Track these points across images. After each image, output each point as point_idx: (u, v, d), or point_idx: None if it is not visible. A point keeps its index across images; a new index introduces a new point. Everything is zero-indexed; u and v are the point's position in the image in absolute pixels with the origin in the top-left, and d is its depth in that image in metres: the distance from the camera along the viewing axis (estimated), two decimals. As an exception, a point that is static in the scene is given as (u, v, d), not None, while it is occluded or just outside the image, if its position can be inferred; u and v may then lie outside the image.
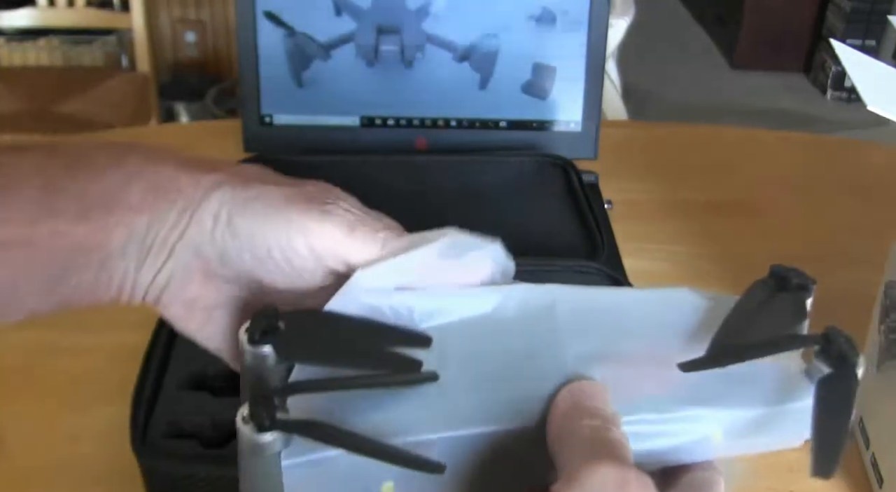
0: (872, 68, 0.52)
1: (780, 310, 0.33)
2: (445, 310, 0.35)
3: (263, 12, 0.82)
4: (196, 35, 2.54)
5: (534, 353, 0.33)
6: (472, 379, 0.32)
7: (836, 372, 0.30)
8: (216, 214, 0.34)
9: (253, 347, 0.32)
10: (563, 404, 0.30)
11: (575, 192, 0.76)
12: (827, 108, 2.99)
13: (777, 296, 0.33)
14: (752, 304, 0.33)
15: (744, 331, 0.32)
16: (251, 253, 0.34)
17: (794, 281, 0.33)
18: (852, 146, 1.03)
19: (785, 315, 0.33)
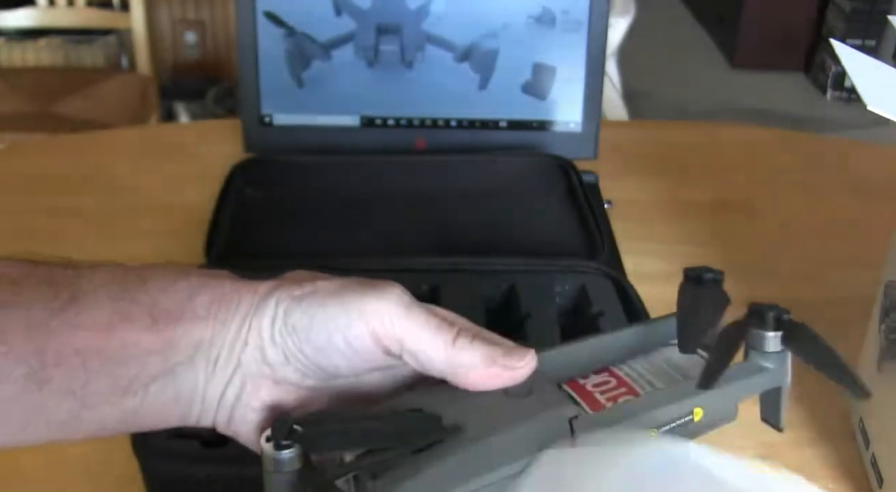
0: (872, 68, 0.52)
1: (708, 299, 0.40)
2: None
3: (263, 12, 0.82)
4: (196, 35, 2.54)
5: (518, 393, 0.36)
6: (480, 430, 0.33)
7: (788, 330, 0.40)
8: (273, 316, 0.35)
9: (277, 451, 0.33)
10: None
11: (575, 192, 0.76)
12: (827, 108, 2.99)
13: (701, 291, 0.41)
14: (686, 304, 0.40)
15: (694, 326, 0.39)
16: (311, 344, 0.35)
17: (707, 276, 0.41)
18: (852, 146, 1.03)
19: (714, 302, 0.40)
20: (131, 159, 0.90)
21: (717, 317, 0.39)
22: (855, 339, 0.60)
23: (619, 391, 0.37)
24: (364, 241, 0.69)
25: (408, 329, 0.35)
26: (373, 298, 0.35)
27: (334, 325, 0.35)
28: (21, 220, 0.79)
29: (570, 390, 0.37)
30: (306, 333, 0.35)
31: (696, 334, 0.39)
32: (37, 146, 1.03)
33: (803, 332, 0.39)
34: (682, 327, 0.39)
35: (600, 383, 0.38)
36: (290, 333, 0.35)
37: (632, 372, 0.39)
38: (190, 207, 0.79)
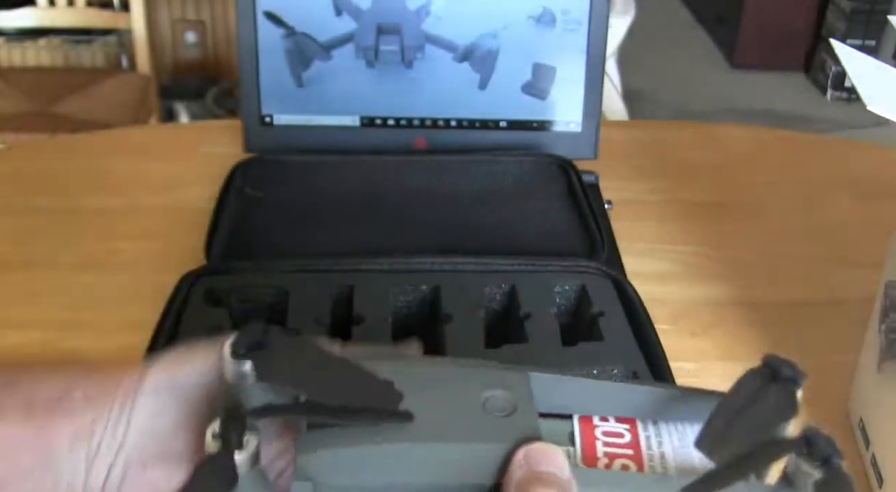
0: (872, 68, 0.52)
1: (769, 403, 0.33)
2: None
3: (263, 12, 0.82)
4: (196, 35, 2.54)
5: (497, 409, 0.33)
6: (434, 428, 0.31)
7: (831, 476, 0.31)
8: (155, 388, 0.34)
9: (235, 361, 0.32)
10: (519, 471, 0.29)
11: (575, 192, 0.76)
12: (827, 108, 2.99)
13: (768, 388, 0.33)
14: (742, 396, 0.33)
15: (731, 426, 0.32)
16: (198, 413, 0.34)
17: (784, 373, 0.33)
18: (852, 146, 1.03)
19: (775, 409, 0.32)
20: (131, 159, 0.90)
21: (766, 430, 0.32)
22: (855, 339, 0.60)
23: (625, 452, 0.33)
24: (364, 241, 0.69)
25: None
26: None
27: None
28: (21, 220, 0.79)
29: (576, 425, 0.34)
30: (188, 404, 0.34)
31: (724, 442, 0.31)
32: (37, 146, 1.03)
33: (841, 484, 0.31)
34: (716, 425, 0.32)
35: (613, 434, 0.34)
36: (176, 401, 0.34)
37: (653, 438, 0.34)
38: (190, 207, 0.79)
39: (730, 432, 0.31)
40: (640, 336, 0.58)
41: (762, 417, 0.32)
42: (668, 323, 0.68)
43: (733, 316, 0.69)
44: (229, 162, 0.80)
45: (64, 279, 0.71)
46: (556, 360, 0.55)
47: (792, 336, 0.68)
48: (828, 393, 0.62)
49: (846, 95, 2.98)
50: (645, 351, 0.57)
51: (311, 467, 0.30)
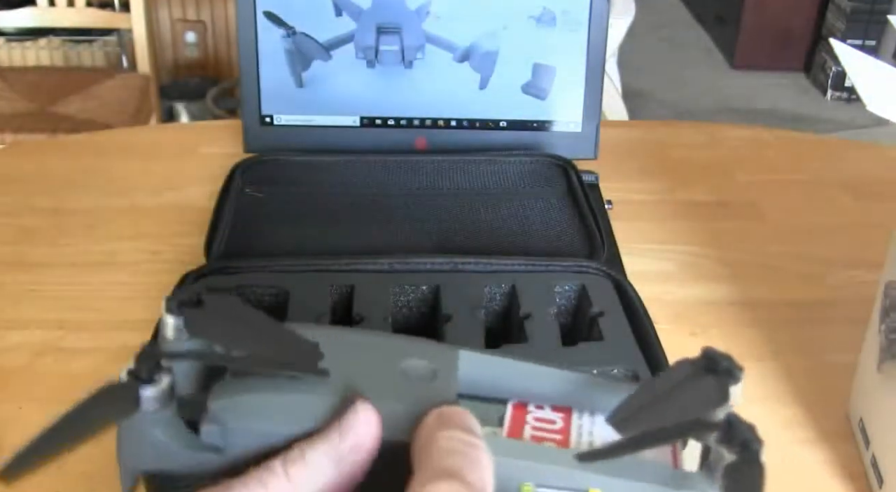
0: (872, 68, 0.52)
1: (701, 391, 0.32)
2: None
3: (263, 12, 0.82)
4: (196, 35, 2.54)
5: (417, 376, 0.33)
6: (348, 385, 0.32)
7: (742, 459, 0.30)
8: None
9: (169, 315, 0.33)
10: (430, 420, 0.30)
11: (575, 192, 0.76)
12: (827, 108, 2.99)
13: (702, 377, 0.32)
14: (670, 381, 0.32)
15: (649, 406, 0.31)
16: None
17: (722, 365, 0.32)
18: (852, 146, 1.03)
19: (705, 397, 0.32)
20: (131, 159, 0.90)
21: (685, 414, 0.31)
22: (855, 339, 0.60)
23: (552, 437, 0.33)
24: (364, 241, 0.69)
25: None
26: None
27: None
28: (21, 220, 0.79)
29: (508, 409, 0.34)
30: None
31: (636, 420, 0.31)
32: (37, 146, 1.03)
33: (750, 474, 0.30)
34: (633, 403, 0.31)
35: (545, 420, 0.34)
36: None
37: (586, 427, 0.34)
38: (190, 207, 0.79)
39: (645, 411, 0.31)
40: (640, 336, 0.58)
41: (685, 402, 0.31)
42: (668, 323, 0.68)
43: (733, 316, 0.69)
44: (229, 162, 0.80)
45: (64, 279, 0.71)
46: (556, 360, 0.55)
47: (792, 336, 0.68)
48: (828, 393, 0.62)
49: (846, 95, 2.98)
50: (645, 351, 0.57)
51: (221, 411, 0.31)
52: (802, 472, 0.57)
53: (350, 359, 0.33)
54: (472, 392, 0.34)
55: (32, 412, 0.59)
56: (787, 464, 0.57)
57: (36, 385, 0.62)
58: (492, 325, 0.62)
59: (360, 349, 0.34)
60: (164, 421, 0.31)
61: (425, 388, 0.32)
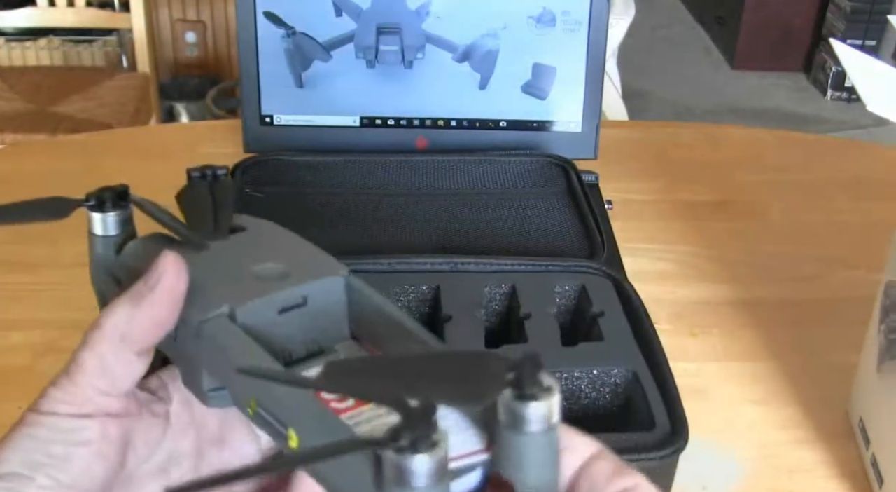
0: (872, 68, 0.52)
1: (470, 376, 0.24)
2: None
3: (263, 12, 0.82)
4: (196, 35, 2.54)
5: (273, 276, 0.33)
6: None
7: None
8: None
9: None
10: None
11: (575, 192, 0.76)
12: (827, 108, 2.99)
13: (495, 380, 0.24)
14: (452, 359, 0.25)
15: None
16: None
17: (525, 373, 0.24)
18: (852, 146, 1.03)
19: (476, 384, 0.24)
20: (131, 159, 0.90)
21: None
22: (855, 339, 0.60)
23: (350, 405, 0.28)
24: (364, 241, 0.69)
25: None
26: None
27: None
28: (21, 220, 0.79)
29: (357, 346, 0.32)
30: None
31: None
32: (37, 146, 1.03)
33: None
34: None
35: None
36: (18, 480, 0.29)
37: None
38: (190, 207, 0.79)
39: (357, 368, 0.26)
40: (640, 336, 0.58)
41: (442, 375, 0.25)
42: (668, 323, 0.68)
43: (733, 316, 0.70)
44: (229, 162, 0.80)
45: (64, 279, 0.71)
46: (556, 360, 0.55)
47: (792, 336, 0.68)
48: (828, 393, 0.62)
49: (846, 95, 2.98)
50: (645, 351, 0.57)
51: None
52: (802, 472, 0.57)
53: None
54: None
55: (32, 412, 0.59)
56: (786, 464, 0.57)
57: (36, 385, 0.62)
58: (492, 325, 0.62)
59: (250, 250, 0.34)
60: (104, 246, 0.40)
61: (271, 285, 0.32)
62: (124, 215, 0.38)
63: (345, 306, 0.33)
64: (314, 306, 0.32)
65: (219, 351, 0.30)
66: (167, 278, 0.31)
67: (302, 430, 0.27)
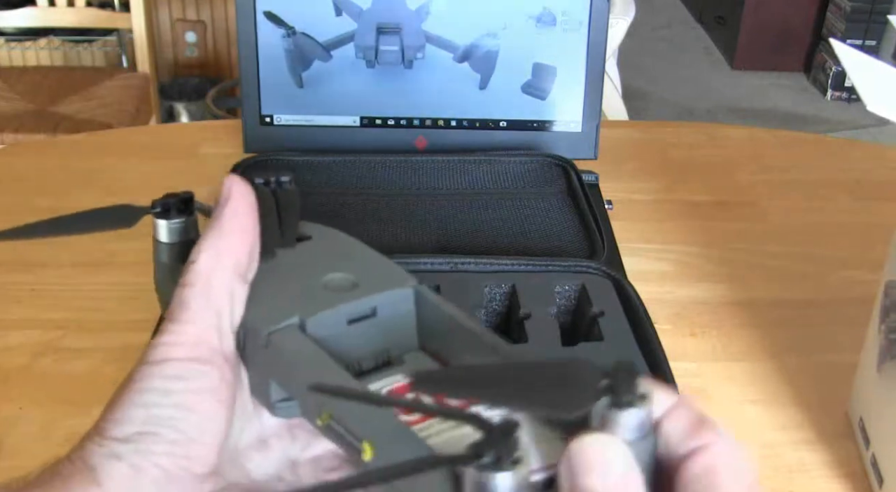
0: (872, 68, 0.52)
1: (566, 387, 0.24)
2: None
3: (263, 12, 0.82)
4: (196, 35, 2.54)
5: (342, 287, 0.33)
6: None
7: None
8: (122, 437, 0.28)
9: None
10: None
11: (575, 192, 0.76)
12: (827, 108, 2.99)
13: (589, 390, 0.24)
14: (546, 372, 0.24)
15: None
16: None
17: (620, 380, 0.23)
18: (852, 146, 1.03)
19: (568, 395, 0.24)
20: (131, 159, 0.90)
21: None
22: (855, 339, 0.60)
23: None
24: (364, 240, 0.69)
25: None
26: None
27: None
28: (21, 220, 0.79)
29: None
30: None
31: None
32: (37, 146, 1.03)
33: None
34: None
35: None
36: (147, 439, 0.28)
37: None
38: (190, 207, 0.79)
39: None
40: (640, 336, 0.58)
41: (537, 390, 0.24)
42: (668, 323, 0.68)
43: (733, 316, 0.69)
44: (229, 162, 0.80)
45: (64, 279, 0.71)
46: (556, 360, 0.55)
47: (792, 336, 0.68)
48: (828, 393, 0.62)
49: (846, 95, 2.98)
50: (645, 351, 0.57)
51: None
52: (802, 472, 0.57)
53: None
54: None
55: (32, 412, 0.59)
56: (786, 464, 0.57)
57: (36, 385, 0.62)
58: (492, 325, 0.62)
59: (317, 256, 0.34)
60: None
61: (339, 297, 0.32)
62: (189, 222, 0.38)
63: (413, 317, 0.33)
64: (383, 317, 0.32)
65: (288, 363, 0.30)
66: (235, 197, 0.32)
67: (378, 443, 0.26)
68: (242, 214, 0.32)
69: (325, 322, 0.31)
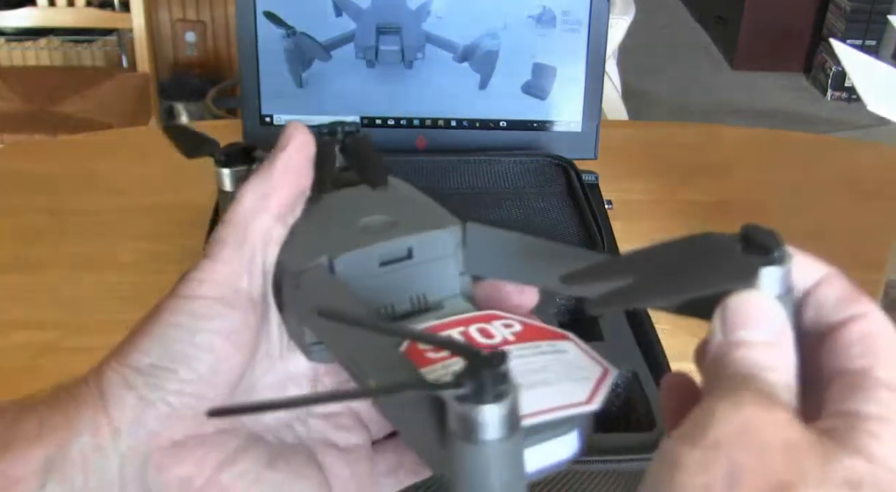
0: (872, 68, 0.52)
1: (720, 266, 0.25)
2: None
3: (263, 12, 0.82)
4: (196, 35, 2.54)
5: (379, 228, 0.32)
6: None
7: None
8: (138, 367, 0.29)
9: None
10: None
11: (575, 192, 0.76)
12: (827, 108, 2.99)
13: (728, 251, 0.26)
14: (683, 250, 0.26)
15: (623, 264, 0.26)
16: (190, 373, 0.29)
17: (760, 238, 0.26)
18: (852, 146, 1.03)
19: (723, 272, 0.25)
20: (131, 159, 0.90)
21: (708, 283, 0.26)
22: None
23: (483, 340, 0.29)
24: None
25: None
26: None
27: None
28: (21, 220, 0.79)
29: (474, 313, 0.30)
30: (180, 363, 0.28)
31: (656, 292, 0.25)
32: (37, 146, 1.03)
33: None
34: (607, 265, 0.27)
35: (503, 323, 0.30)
36: (161, 373, 0.28)
37: (531, 357, 0.28)
38: (190, 207, 0.79)
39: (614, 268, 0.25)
40: (639, 336, 0.58)
41: (692, 274, 0.25)
42: (668, 323, 0.68)
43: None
44: (229, 162, 0.80)
45: (64, 279, 0.71)
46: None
47: (792, 336, 0.68)
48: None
49: (846, 95, 2.98)
50: (645, 351, 0.57)
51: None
52: (802, 472, 0.57)
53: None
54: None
55: (32, 412, 0.59)
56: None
57: (36, 385, 0.62)
58: (492, 325, 0.62)
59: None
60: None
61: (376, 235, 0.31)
62: (251, 171, 0.36)
63: (456, 261, 0.32)
64: (421, 260, 0.31)
65: (316, 303, 0.29)
66: (292, 142, 0.32)
67: (380, 376, 0.26)
68: (296, 158, 0.32)
69: (354, 263, 0.30)
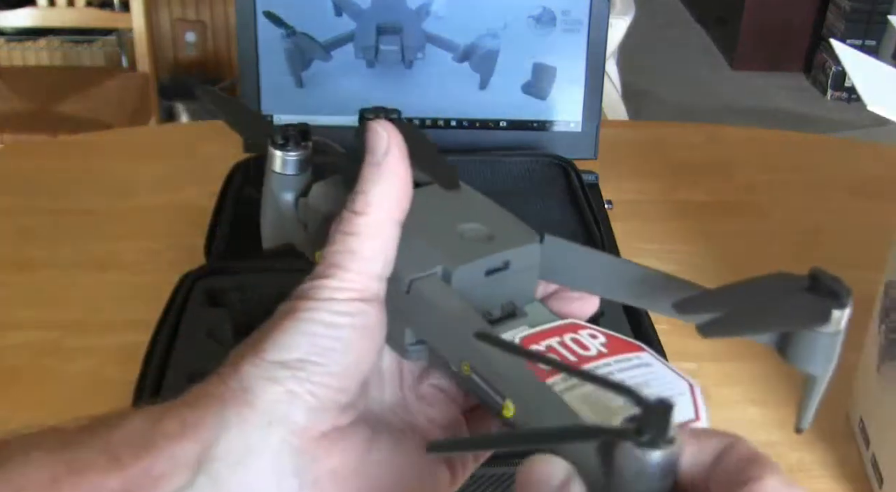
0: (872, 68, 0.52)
1: (796, 308, 0.30)
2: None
3: (263, 12, 0.82)
4: (196, 35, 2.54)
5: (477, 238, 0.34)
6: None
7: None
8: (284, 361, 0.29)
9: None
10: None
11: (575, 192, 0.76)
12: (827, 108, 2.99)
13: (800, 294, 0.30)
14: (761, 291, 0.30)
15: (723, 297, 0.30)
16: (335, 365, 0.29)
17: (827, 284, 0.30)
18: (852, 146, 1.03)
19: (801, 314, 0.30)
20: (131, 159, 0.90)
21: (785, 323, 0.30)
22: (855, 339, 0.60)
23: (565, 353, 0.31)
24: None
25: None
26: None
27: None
28: (21, 220, 0.79)
29: (556, 323, 0.33)
30: (327, 356, 0.29)
31: (744, 323, 0.29)
32: (37, 146, 1.03)
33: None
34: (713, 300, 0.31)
35: (580, 344, 0.32)
36: (309, 367, 0.29)
37: (618, 367, 0.31)
38: (190, 207, 0.79)
39: (716, 300, 0.29)
40: (640, 336, 0.58)
41: (773, 314, 0.30)
42: (668, 323, 0.68)
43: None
44: (229, 162, 0.80)
45: (64, 279, 0.71)
46: (556, 360, 0.55)
47: (792, 336, 0.68)
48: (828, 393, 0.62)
49: (846, 95, 2.98)
50: (645, 351, 0.57)
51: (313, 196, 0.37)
52: (802, 472, 0.57)
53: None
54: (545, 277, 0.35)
55: (32, 412, 0.59)
56: (786, 464, 0.57)
57: (36, 385, 0.62)
58: (492, 325, 0.62)
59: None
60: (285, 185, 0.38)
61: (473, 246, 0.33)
62: (304, 155, 0.39)
63: (536, 271, 0.35)
64: (514, 270, 0.34)
65: (430, 310, 0.31)
66: (393, 143, 0.32)
67: (520, 402, 0.28)
68: (402, 159, 0.32)
69: (467, 273, 0.32)
